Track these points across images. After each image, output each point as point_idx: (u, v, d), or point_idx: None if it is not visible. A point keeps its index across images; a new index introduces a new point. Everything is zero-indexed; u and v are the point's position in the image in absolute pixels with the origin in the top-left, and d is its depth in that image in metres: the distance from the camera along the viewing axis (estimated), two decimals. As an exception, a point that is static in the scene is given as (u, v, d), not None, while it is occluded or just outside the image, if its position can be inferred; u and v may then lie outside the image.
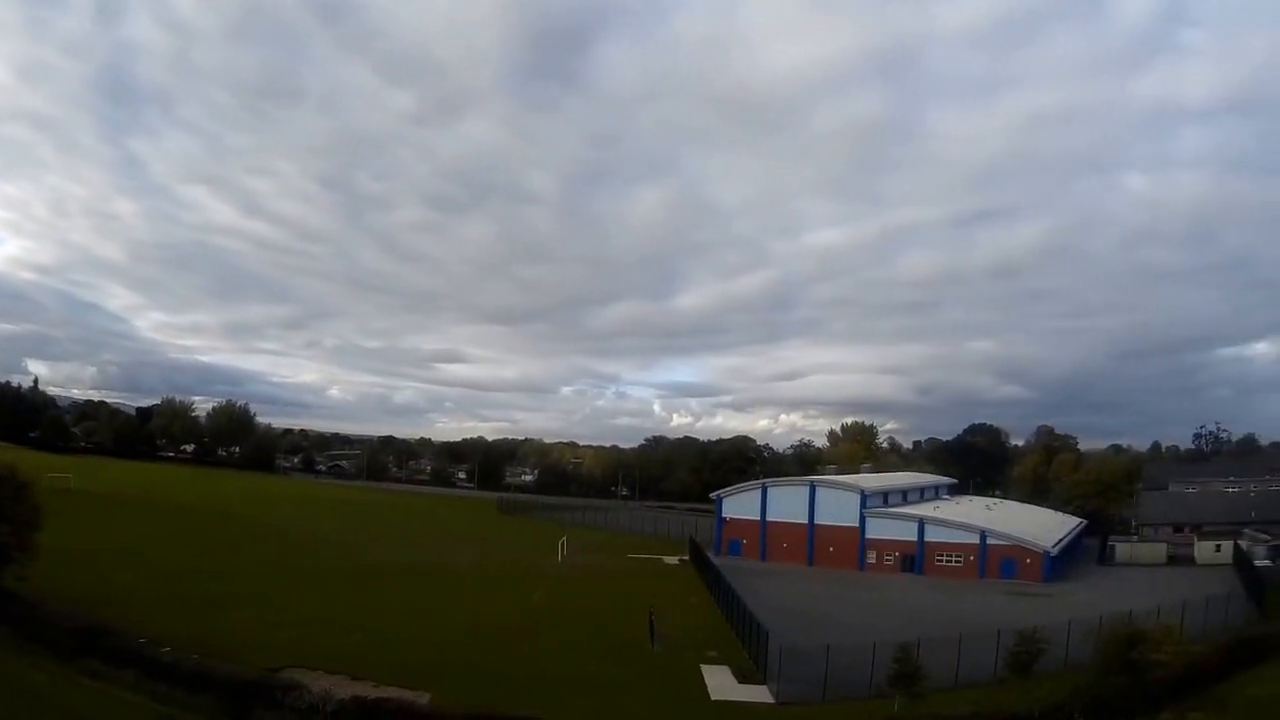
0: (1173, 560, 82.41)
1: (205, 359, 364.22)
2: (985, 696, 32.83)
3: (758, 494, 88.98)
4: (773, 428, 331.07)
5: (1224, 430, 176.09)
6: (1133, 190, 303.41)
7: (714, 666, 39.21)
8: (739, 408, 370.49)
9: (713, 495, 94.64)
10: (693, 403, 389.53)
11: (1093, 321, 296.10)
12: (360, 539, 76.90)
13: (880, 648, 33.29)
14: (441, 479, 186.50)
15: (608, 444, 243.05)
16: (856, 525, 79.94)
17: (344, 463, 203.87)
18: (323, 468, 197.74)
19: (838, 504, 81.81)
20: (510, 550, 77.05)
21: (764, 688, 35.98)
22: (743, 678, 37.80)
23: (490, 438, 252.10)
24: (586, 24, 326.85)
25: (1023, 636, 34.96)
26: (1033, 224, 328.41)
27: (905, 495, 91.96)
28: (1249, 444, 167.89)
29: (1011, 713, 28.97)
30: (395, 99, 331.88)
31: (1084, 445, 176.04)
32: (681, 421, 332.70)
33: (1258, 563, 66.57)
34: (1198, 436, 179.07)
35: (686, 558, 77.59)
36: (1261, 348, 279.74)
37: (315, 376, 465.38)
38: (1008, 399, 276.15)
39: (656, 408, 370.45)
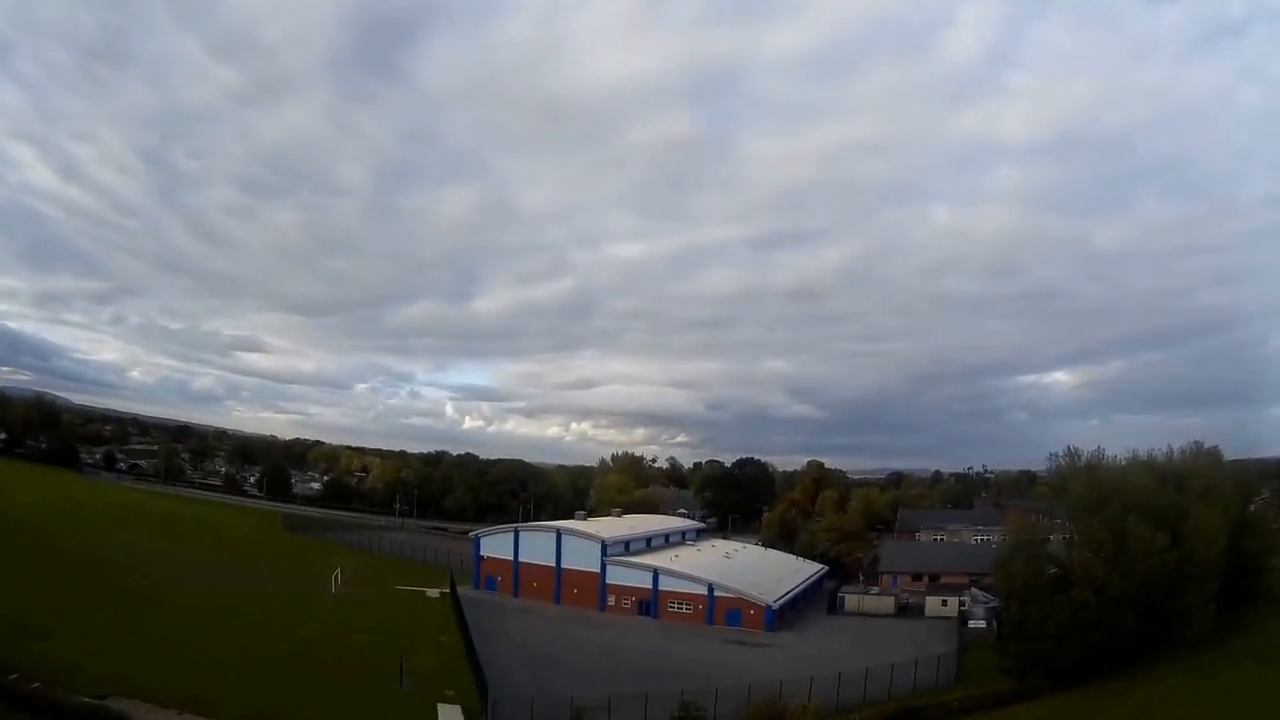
0: (903, 611, 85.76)
1: (13, 325, 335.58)
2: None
3: (511, 537, 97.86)
4: (563, 435, 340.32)
5: (989, 472, 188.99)
6: (938, 221, 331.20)
7: (449, 706, 43.80)
8: (530, 414, 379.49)
9: (471, 535, 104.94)
10: (485, 406, 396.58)
11: (890, 346, 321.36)
12: (158, 555, 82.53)
13: (582, 695, 40.68)
14: (233, 485, 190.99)
15: (397, 447, 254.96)
16: (598, 571, 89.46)
17: (143, 461, 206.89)
18: (123, 466, 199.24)
19: (582, 550, 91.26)
20: (292, 577, 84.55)
21: (487, 727, 42.12)
22: (470, 717, 42.63)
23: (285, 432, 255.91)
24: (413, 17, 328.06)
25: (685, 704, 40.54)
26: (835, 249, 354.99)
27: (649, 541, 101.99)
28: (1026, 477, 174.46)
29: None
30: (220, 75, 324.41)
31: (871, 466, 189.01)
32: (473, 425, 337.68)
33: (972, 623, 68.99)
34: (965, 478, 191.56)
35: (448, 590, 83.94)
36: (1059, 376, 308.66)
37: (118, 355, 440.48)
38: (799, 418, 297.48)
39: (449, 410, 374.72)
